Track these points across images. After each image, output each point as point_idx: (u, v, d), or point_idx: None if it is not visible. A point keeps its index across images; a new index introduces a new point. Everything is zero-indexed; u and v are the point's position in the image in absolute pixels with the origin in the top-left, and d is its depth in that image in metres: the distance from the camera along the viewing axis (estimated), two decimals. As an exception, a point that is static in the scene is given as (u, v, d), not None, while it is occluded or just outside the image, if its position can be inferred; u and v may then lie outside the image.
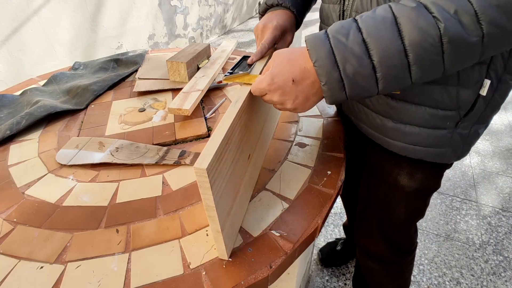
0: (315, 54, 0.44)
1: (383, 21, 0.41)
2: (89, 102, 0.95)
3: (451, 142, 0.61)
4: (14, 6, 1.83)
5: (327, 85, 0.45)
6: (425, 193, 0.74)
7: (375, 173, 0.76)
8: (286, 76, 0.48)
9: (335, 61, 0.43)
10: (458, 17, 0.38)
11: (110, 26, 2.51)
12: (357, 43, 0.42)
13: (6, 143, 0.79)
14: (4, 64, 1.85)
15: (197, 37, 3.62)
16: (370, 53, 0.41)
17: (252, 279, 0.47)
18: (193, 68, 1.03)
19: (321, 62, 0.44)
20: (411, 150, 0.63)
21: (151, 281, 0.47)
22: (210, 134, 0.80)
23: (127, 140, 0.77)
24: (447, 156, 0.64)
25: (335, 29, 0.44)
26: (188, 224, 0.56)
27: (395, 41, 0.40)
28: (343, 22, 0.45)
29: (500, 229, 1.49)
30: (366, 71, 0.42)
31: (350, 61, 0.42)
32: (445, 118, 0.58)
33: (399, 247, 0.83)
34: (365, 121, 0.69)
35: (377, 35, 0.41)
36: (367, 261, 0.91)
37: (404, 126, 0.61)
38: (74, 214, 0.59)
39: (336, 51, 0.43)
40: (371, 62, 0.42)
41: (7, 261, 0.51)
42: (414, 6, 0.40)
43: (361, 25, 0.42)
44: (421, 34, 0.39)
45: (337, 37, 0.43)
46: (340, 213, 1.59)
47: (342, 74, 0.43)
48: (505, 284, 1.27)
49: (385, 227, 0.80)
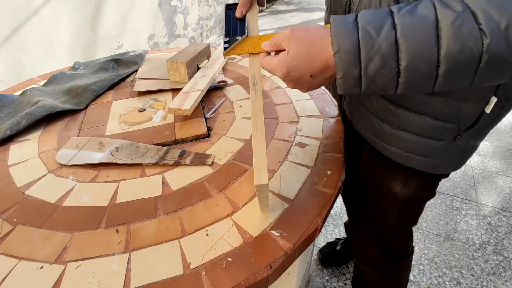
0: (337, 44, 0.39)
1: (422, 21, 0.36)
2: (89, 102, 0.95)
3: (447, 154, 0.60)
4: (14, 6, 1.83)
5: (342, 79, 0.41)
6: (418, 201, 0.73)
7: (369, 178, 0.76)
8: (304, 71, 0.44)
9: (359, 56, 0.38)
10: (508, 33, 0.33)
11: (110, 26, 2.51)
12: (388, 42, 0.37)
13: (6, 143, 0.79)
14: (4, 64, 1.85)
15: (197, 37, 3.62)
16: (399, 56, 0.37)
17: (252, 279, 0.47)
18: (193, 68, 1.03)
19: (343, 55, 0.39)
20: (405, 157, 0.62)
21: (151, 281, 0.47)
22: (210, 134, 0.80)
23: (127, 140, 0.77)
24: (442, 167, 0.63)
25: (367, 19, 0.38)
26: (188, 224, 0.56)
27: (430, 48, 0.36)
28: (377, 11, 0.39)
29: (500, 229, 1.49)
30: (390, 74, 0.38)
31: (374, 61, 0.38)
32: (444, 129, 0.56)
33: (393, 253, 0.83)
34: (363, 123, 0.68)
35: (412, 37, 0.36)
36: (362, 264, 0.91)
37: (401, 132, 0.60)
38: (74, 214, 0.59)
39: (362, 46, 0.38)
40: (397, 66, 0.38)
41: (7, 261, 0.51)
42: (460, 11, 0.34)
43: (397, 20, 0.37)
44: (460, 46, 0.35)
45: (367, 30, 0.38)
46: (340, 213, 1.59)
47: (362, 72, 0.39)
48: (505, 284, 1.27)
49: (378, 232, 0.80)
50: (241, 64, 1.16)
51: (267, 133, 0.79)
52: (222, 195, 0.62)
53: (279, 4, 5.14)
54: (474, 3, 0.34)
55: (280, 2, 5.23)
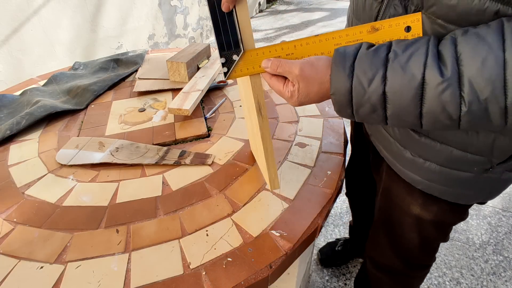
0: (334, 86, 0.43)
1: (410, 80, 0.38)
2: (89, 102, 0.95)
3: (475, 186, 0.55)
4: (14, 6, 1.83)
5: (339, 113, 0.46)
6: (443, 225, 0.67)
7: (388, 194, 0.71)
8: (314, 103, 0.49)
9: (351, 101, 0.43)
10: (487, 105, 0.35)
11: (110, 26, 2.51)
12: (377, 93, 0.40)
13: (6, 143, 0.79)
14: (4, 64, 1.85)
15: (197, 37, 3.62)
16: (387, 106, 0.41)
17: (252, 279, 0.47)
18: (193, 68, 1.03)
19: (337, 98, 0.44)
20: (426, 185, 0.58)
21: (151, 281, 0.47)
22: (210, 134, 0.80)
23: (127, 140, 0.77)
24: (468, 198, 0.58)
25: (363, 69, 0.41)
26: (188, 224, 0.56)
27: (414, 105, 0.39)
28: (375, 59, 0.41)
29: (500, 229, 1.49)
30: (378, 118, 0.43)
31: (364, 107, 0.42)
32: (474, 163, 0.51)
33: (413, 262, 0.77)
34: (382, 142, 0.64)
35: (399, 92, 0.39)
36: (376, 272, 0.87)
37: (423, 161, 0.56)
38: (74, 214, 0.59)
39: (354, 94, 0.42)
40: (384, 113, 0.42)
41: (7, 261, 0.51)
42: (448, 76, 0.36)
43: (388, 73, 0.40)
44: (440, 108, 0.37)
45: (360, 80, 0.41)
46: (340, 213, 1.59)
47: (354, 112, 0.44)
48: (505, 284, 1.27)
49: (396, 246, 0.75)
50: (241, 64, 1.16)
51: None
52: (222, 195, 0.62)
53: (279, 4, 5.14)
54: (466, 68, 0.35)
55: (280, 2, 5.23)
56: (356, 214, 1.17)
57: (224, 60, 0.47)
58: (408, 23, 0.44)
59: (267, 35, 3.85)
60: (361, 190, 1.03)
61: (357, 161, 0.97)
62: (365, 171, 0.91)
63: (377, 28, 0.45)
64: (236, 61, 0.48)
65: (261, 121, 0.53)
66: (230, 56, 0.48)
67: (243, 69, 0.49)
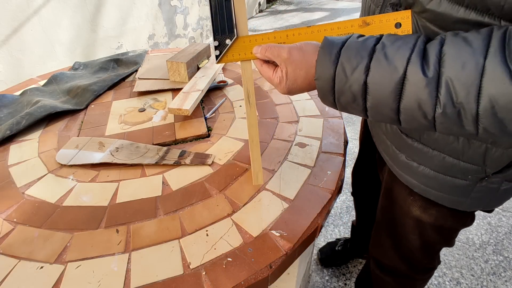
0: (318, 71, 0.43)
1: (392, 73, 0.38)
2: (89, 102, 0.95)
3: (471, 194, 0.54)
4: (14, 6, 1.83)
5: (322, 100, 0.46)
6: (443, 229, 0.65)
7: (389, 195, 0.71)
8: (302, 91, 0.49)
9: (333, 88, 0.43)
10: (460, 109, 0.35)
11: (110, 26, 2.51)
12: (358, 83, 0.40)
13: (6, 143, 0.79)
14: (4, 64, 1.85)
15: (197, 37, 3.61)
16: (367, 97, 0.41)
17: (252, 279, 0.47)
18: (193, 68, 1.03)
19: (321, 83, 0.43)
20: (422, 189, 0.58)
21: (151, 281, 0.47)
22: (210, 134, 0.80)
23: (127, 140, 0.77)
24: (464, 206, 0.56)
25: (348, 55, 0.41)
26: (188, 224, 0.56)
27: (392, 99, 0.39)
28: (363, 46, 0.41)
29: (500, 229, 1.49)
30: (358, 108, 0.43)
31: (345, 95, 0.42)
32: (467, 171, 0.51)
33: (417, 264, 0.77)
34: (380, 145, 0.65)
35: (379, 84, 0.39)
36: (379, 273, 0.86)
37: (417, 165, 0.55)
38: (74, 214, 0.59)
39: (337, 81, 0.42)
40: (364, 104, 0.42)
41: (7, 261, 0.51)
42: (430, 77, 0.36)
43: (372, 63, 0.39)
44: (417, 106, 0.38)
45: (343, 67, 0.41)
46: (340, 213, 1.59)
47: (336, 100, 0.44)
48: (505, 284, 1.27)
49: (399, 247, 0.75)
50: (241, 64, 1.16)
51: (268, 133, 0.79)
52: (222, 195, 0.62)
53: (279, 4, 5.14)
54: (446, 69, 0.35)
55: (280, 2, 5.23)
56: (360, 214, 1.17)
57: (217, 43, 0.49)
58: (398, 20, 0.45)
59: (267, 35, 3.84)
60: (367, 190, 1.03)
61: (365, 161, 0.97)
62: (372, 171, 0.91)
63: (368, 22, 0.47)
64: (228, 45, 0.49)
65: (249, 109, 0.53)
66: (223, 40, 0.49)
67: (235, 54, 0.50)
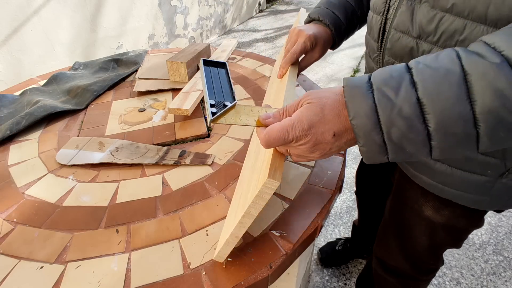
0: (353, 109, 0.34)
1: (446, 76, 0.31)
2: (89, 102, 0.95)
3: (491, 192, 0.51)
4: (14, 6, 1.83)
5: (365, 147, 0.36)
6: (455, 230, 0.64)
7: (400, 196, 0.70)
8: (329, 127, 0.37)
9: (378, 121, 0.33)
10: None
11: (110, 26, 2.51)
12: (409, 102, 0.32)
13: (6, 143, 0.79)
14: (4, 64, 1.85)
15: (197, 37, 3.61)
16: (426, 118, 0.32)
17: (252, 279, 0.47)
18: (193, 68, 1.03)
19: (360, 121, 0.34)
20: (439, 189, 0.55)
21: (151, 281, 0.47)
22: (210, 134, 0.80)
23: (127, 140, 0.77)
24: (484, 204, 0.54)
25: (382, 79, 0.34)
26: (188, 224, 0.56)
27: (461, 105, 0.30)
28: (393, 68, 0.35)
29: (500, 229, 1.49)
30: (418, 138, 0.33)
31: (397, 125, 0.33)
32: (487, 165, 0.48)
33: (421, 265, 0.77)
34: None
35: (437, 94, 0.31)
36: (383, 273, 0.86)
37: (434, 162, 0.53)
38: (74, 214, 0.59)
39: (380, 110, 0.33)
40: (426, 129, 0.32)
41: (7, 261, 0.51)
42: (498, 62, 0.29)
43: (416, 77, 0.33)
44: (500, 100, 0.29)
45: (383, 91, 0.33)
46: (340, 213, 1.59)
47: (385, 138, 0.34)
48: (505, 284, 1.27)
49: (406, 248, 0.75)
50: (241, 64, 1.16)
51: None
52: (222, 195, 0.62)
53: (279, 4, 5.14)
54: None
55: (280, 2, 5.23)
56: (363, 214, 1.16)
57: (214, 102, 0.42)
58: None
59: (267, 35, 3.85)
60: (372, 190, 1.02)
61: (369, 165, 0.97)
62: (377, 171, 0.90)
63: None
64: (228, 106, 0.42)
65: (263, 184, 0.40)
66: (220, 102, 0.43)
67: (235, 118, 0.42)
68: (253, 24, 4.32)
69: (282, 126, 0.37)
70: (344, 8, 0.68)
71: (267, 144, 0.38)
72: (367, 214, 1.13)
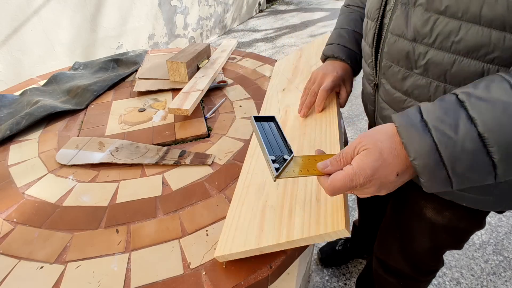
0: (413, 150, 0.35)
1: (505, 110, 0.32)
2: (89, 102, 0.95)
3: (494, 192, 0.51)
4: (14, 6, 1.83)
5: (429, 183, 0.37)
6: (456, 231, 0.64)
7: (401, 197, 0.70)
8: (391, 169, 0.38)
9: (441, 159, 0.34)
10: None
11: (110, 26, 2.51)
12: (471, 138, 0.33)
13: (6, 143, 0.79)
14: (4, 64, 1.85)
15: (197, 37, 3.61)
16: (489, 150, 0.33)
17: (252, 279, 0.47)
18: (193, 68, 1.03)
19: (422, 161, 0.35)
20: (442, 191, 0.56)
21: (151, 281, 0.47)
22: (210, 134, 0.80)
23: (127, 140, 0.77)
24: (487, 205, 0.54)
25: (436, 117, 0.35)
26: (188, 224, 0.56)
27: None
28: (444, 103, 0.35)
29: (500, 229, 1.49)
30: (483, 169, 0.34)
31: (461, 160, 0.34)
32: None
33: (422, 266, 0.78)
34: None
35: (499, 128, 0.32)
36: (384, 274, 0.86)
37: None
38: (74, 214, 0.59)
39: (442, 148, 0.34)
40: (491, 160, 0.33)
41: (7, 261, 0.51)
42: None
43: (472, 112, 0.33)
44: None
45: (441, 130, 0.34)
46: (340, 213, 1.59)
47: (449, 173, 0.35)
48: (505, 284, 1.27)
49: (406, 249, 0.75)
50: (241, 64, 1.16)
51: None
52: (222, 195, 0.62)
53: (279, 4, 5.14)
54: None
55: (280, 2, 5.23)
56: (363, 214, 1.16)
57: (274, 158, 0.43)
58: None
59: (267, 35, 3.85)
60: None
61: None
62: None
63: None
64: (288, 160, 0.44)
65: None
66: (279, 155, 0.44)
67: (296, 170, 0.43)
68: (253, 24, 4.32)
69: (345, 175, 0.38)
70: (354, 39, 0.71)
71: (333, 193, 0.40)
72: (367, 214, 1.13)
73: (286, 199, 0.51)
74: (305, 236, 0.44)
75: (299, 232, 0.45)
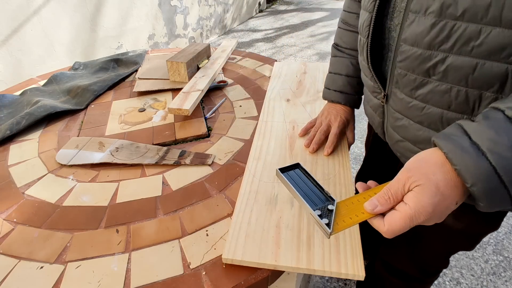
0: (470, 177, 0.34)
1: None
2: (89, 102, 0.95)
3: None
4: (14, 6, 1.83)
5: (489, 204, 0.36)
6: (472, 235, 0.63)
7: None
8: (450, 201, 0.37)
9: (502, 181, 0.34)
10: None
11: (110, 26, 2.51)
12: None
13: (6, 143, 0.79)
14: (4, 64, 1.85)
15: (197, 37, 3.61)
16: None
17: (252, 279, 0.47)
18: (193, 68, 1.03)
19: (481, 186, 0.34)
20: None
21: (151, 281, 0.47)
22: (210, 134, 0.80)
23: (127, 140, 0.77)
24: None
25: (489, 138, 0.34)
26: (188, 224, 0.56)
27: None
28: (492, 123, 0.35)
29: (500, 229, 1.49)
30: None
31: None
32: None
33: (428, 269, 0.77)
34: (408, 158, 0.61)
35: None
36: (388, 275, 0.86)
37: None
38: (74, 214, 0.59)
39: (502, 172, 0.33)
40: None
41: (7, 261, 0.51)
42: None
43: None
44: None
45: (497, 153, 0.33)
46: (340, 213, 1.59)
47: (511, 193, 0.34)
48: (505, 284, 1.27)
49: (416, 253, 0.74)
50: (241, 64, 1.16)
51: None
52: (222, 195, 0.62)
53: (279, 4, 5.14)
54: None
55: (280, 2, 5.23)
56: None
57: (320, 212, 0.41)
58: None
59: (267, 35, 3.85)
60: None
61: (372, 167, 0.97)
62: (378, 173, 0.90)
63: None
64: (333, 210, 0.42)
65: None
66: (323, 206, 0.42)
67: (346, 219, 0.41)
68: (253, 24, 4.32)
69: (404, 216, 0.37)
70: (348, 84, 0.75)
71: (392, 236, 0.39)
72: None
73: (303, 223, 0.54)
74: (326, 270, 0.47)
75: (320, 264, 0.48)
